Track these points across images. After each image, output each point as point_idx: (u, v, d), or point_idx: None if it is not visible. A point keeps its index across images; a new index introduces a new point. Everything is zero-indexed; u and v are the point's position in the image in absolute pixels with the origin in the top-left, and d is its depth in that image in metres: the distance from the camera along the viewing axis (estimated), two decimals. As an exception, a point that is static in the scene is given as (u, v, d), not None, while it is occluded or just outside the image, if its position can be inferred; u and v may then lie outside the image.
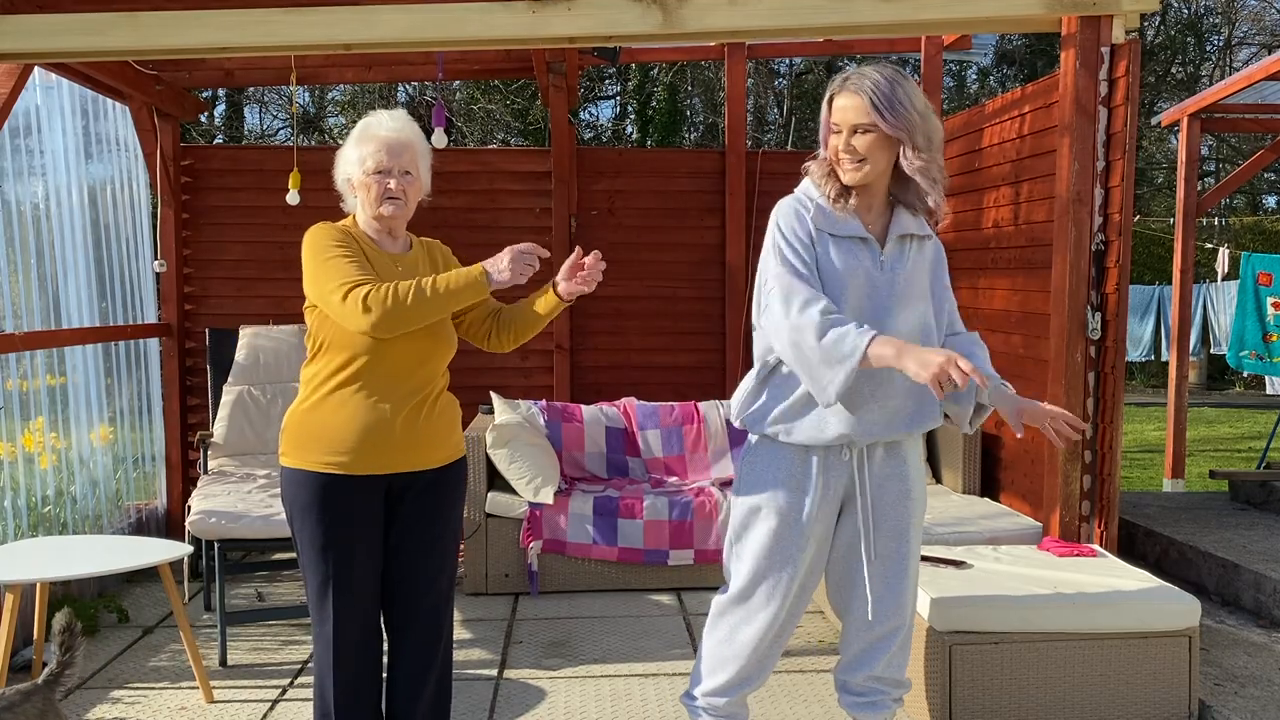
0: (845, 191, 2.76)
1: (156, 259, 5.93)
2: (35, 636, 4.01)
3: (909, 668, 3.62)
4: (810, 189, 2.79)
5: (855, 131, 2.70)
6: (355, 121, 2.93)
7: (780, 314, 2.65)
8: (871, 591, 2.85)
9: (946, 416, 2.90)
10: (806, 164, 2.83)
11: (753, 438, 2.90)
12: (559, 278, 2.88)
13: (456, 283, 2.70)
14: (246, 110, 20.09)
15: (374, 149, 2.84)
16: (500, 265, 2.71)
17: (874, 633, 2.88)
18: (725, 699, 2.90)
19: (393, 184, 2.83)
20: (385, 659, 2.99)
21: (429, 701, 2.96)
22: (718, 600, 2.93)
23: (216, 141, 18.40)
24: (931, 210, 2.79)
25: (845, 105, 2.70)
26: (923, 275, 2.81)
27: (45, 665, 3.96)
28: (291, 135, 10.78)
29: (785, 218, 2.75)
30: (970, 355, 2.78)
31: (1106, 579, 3.67)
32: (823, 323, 2.59)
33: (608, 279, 2.86)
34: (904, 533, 2.85)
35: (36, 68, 4.66)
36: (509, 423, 5.32)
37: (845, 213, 2.75)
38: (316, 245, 2.80)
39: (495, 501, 5.13)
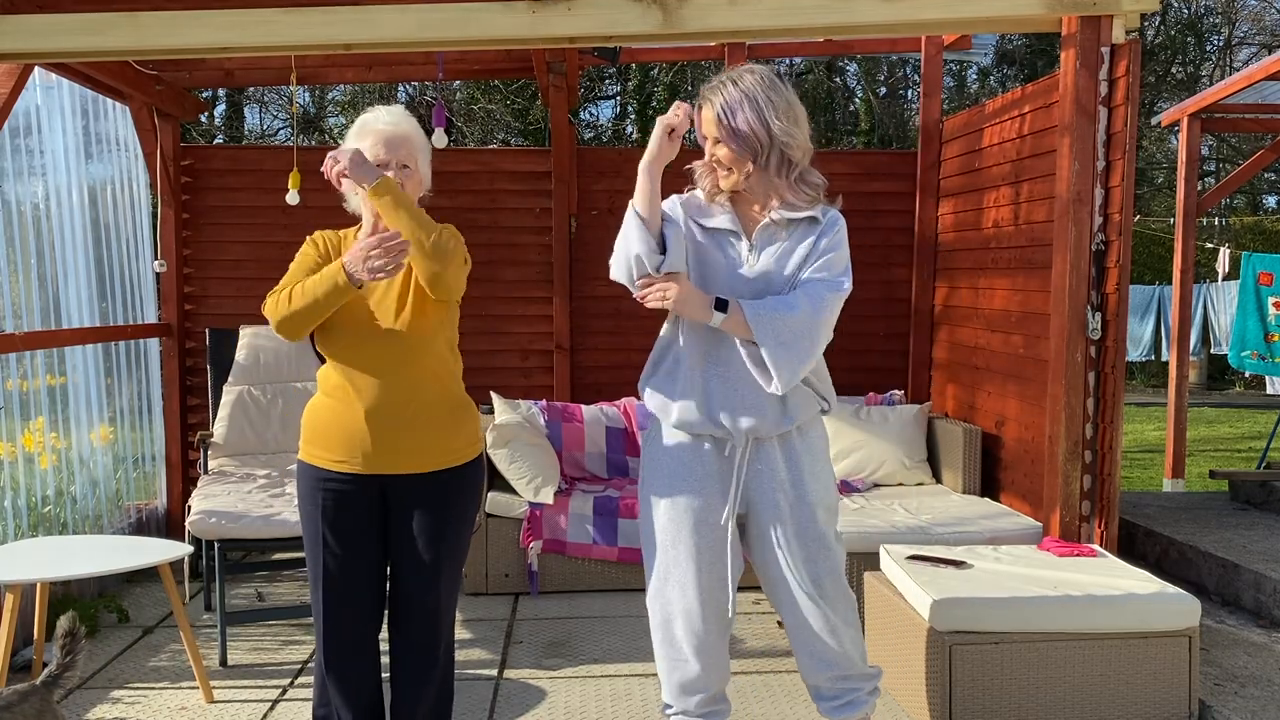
0: (721, 190, 2.81)
1: (156, 259, 5.93)
2: (35, 636, 4.01)
3: (912, 666, 3.63)
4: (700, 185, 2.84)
5: (714, 142, 2.74)
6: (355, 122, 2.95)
7: None
8: (779, 599, 2.84)
9: (824, 411, 2.87)
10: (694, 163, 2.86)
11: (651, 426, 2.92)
12: None
13: (318, 285, 2.72)
14: (246, 110, 20.09)
15: (371, 143, 2.85)
16: (356, 265, 2.69)
17: (803, 636, 2.84)
18: (696, 698, 2.86)
19: (390, 176, 2.84)
20: (388, 658, 3.00)
21: (430, 702, 2.96)
22: (647, 598, 2.90)
23: (216, 141, 18.40)
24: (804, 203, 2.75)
25: (703, 116, 2.76)
26: (791, 262, 2.75)
27: (45, 665, 3.96)
28: (291, 135, 10.78)
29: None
30: (760, 304, 2.69)
31: (1106, 579, 3.67)
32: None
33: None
34: (788, 540, 2.79)
35: (36, 68, 4.66)
36: (509, 423, 5.32)
37: (718, 206, 2.80)
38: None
39: (495, 501, 5.13)
